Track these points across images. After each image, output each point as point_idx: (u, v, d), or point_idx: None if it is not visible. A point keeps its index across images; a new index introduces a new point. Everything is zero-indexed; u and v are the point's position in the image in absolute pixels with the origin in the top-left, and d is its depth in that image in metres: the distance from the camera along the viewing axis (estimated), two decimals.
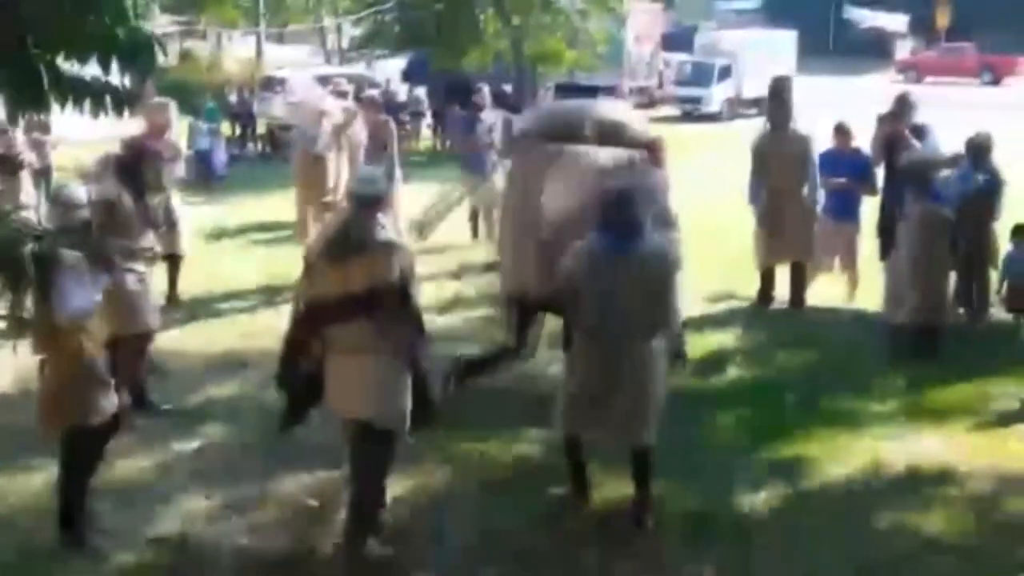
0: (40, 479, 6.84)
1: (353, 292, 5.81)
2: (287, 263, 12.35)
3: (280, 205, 14.77)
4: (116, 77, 3.98)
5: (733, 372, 8.93)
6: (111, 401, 6.18)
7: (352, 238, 5.89)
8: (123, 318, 7.35)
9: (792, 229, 10.26)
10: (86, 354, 6.06)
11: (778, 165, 10.25)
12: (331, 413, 6.21)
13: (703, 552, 6.09)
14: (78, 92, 3.87)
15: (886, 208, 10.03)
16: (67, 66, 3.90)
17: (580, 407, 6.28)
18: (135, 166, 8.27)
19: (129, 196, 8.04)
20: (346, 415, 6.09)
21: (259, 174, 20.58)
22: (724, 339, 9.62)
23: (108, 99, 3.93)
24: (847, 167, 10.33)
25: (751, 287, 10.83)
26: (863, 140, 10.60)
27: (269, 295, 11.14)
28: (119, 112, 3.97)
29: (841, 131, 10.49)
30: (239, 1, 45.20)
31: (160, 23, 36.30)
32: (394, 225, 7.03)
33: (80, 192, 6.43)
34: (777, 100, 10.52)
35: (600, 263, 6.07)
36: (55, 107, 4.12)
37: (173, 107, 9.89)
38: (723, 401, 8.21)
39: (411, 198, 13.17)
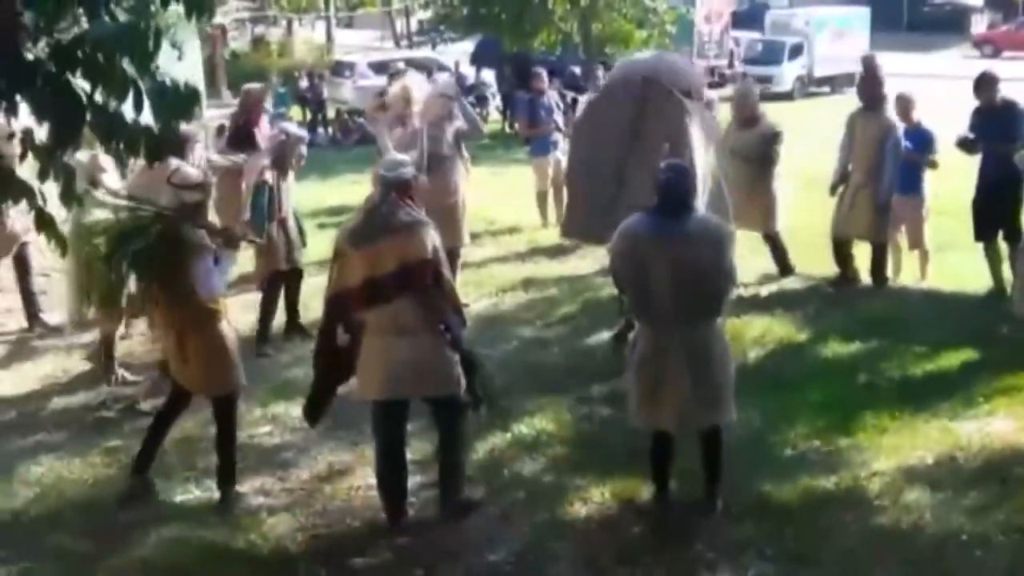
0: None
1: (385, 273, 5.92)
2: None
3: (348, 189, 14.86)
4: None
5: (802, 353, 8.82)
6: None
7: (379, 221, 6.00)
8: None
9: (862, 207, 10.14)
10: (230, 322, 6.54)
11: (859, 143, 10.14)
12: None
13: (773, 536, 6.03)
14: (116, 131, 3.91)
15: (983, 187, 9.83)
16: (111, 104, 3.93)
17: (644, 398, 6.15)
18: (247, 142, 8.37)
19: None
20: (414, 395, 6.17)
21: (329, 159, 20.70)
22: (792, 319, 9.50)
23: (143, 142, 3.96)
24: (909, 141, 10.14)
25: (816, 265, 10.70)
26: (932, 115, 10.40)
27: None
28: (151, 158, 4.01)
29: (901, 104, 10.31)
30: None
31: (232, 10, 36.73)
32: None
33: (194, 173, 6.54)
34: (864, 78, 10.42)
35: (644, 245, 5.93)
36: None
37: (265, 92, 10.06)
38: (793, 384, 8.09)
39: (479, 181, 13.16)
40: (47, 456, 7.27)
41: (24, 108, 4.06)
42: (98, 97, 3.83)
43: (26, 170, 4.38)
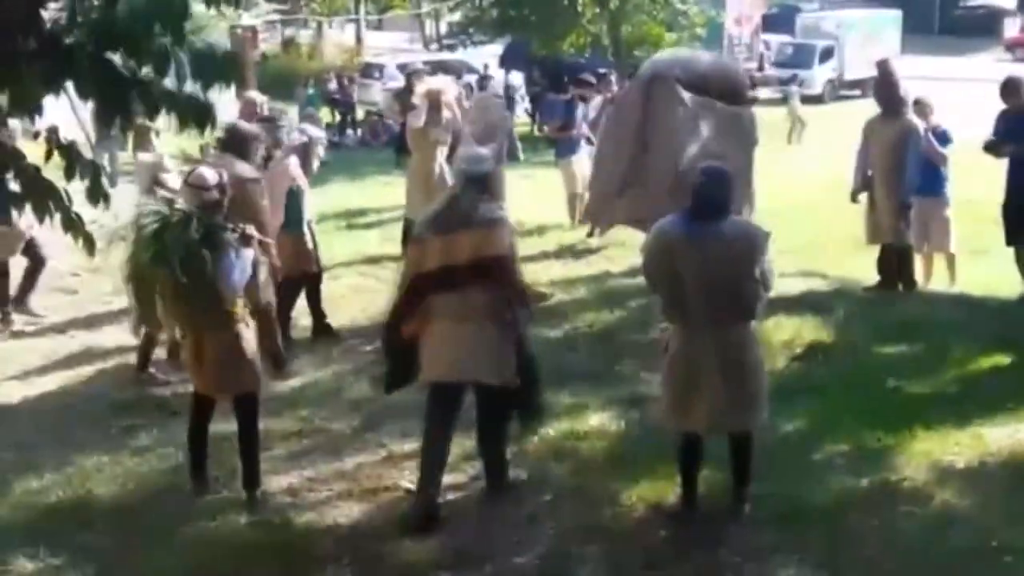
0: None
1: (460, 263, 6.12)
2: (383, 247, 12.58)
3: (378, 191, 14.91)
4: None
5: (831, 357, 8.77)
6: None
7: (460, 213, 6.20)
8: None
9: (883, 211, 10.11)
10: (249, 322, 6.57)
11: (879, 148, 10.10)
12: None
13: (800, 541, 6.00)
14: (164, 103, 3.95)
15: (1012, 191, 9.76)
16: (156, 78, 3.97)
17: (676, 399, 6.14)
18: (244, 148, 8.39)
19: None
20: (467, 379, 6.33)
21: (358, 160, 20.76)
22: (821, 322, 9.45)
23: (193, 113, 3.99)
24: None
25: (845, 268, 10.66)
26: (963, 119, 10.36)
27: (363, 278, 11.25)
28: (202, 127, 4.04)
29: (918, 107, 10.26)
30: None
31: (263, 12, 36.86)
32: None
33: (210, 174, 6.59)
34: (880, 83, 10.36)
35: (677, 246, 5.91)
36: None
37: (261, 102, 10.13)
38: (821, 388, 8.05)
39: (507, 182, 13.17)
40: (77, 454, 7.32)
41: (48, 107, 4.11)
42: (142, 72, 3.88)
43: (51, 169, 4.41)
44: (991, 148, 9.71)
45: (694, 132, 9.07)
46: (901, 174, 9.89)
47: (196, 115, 4.00)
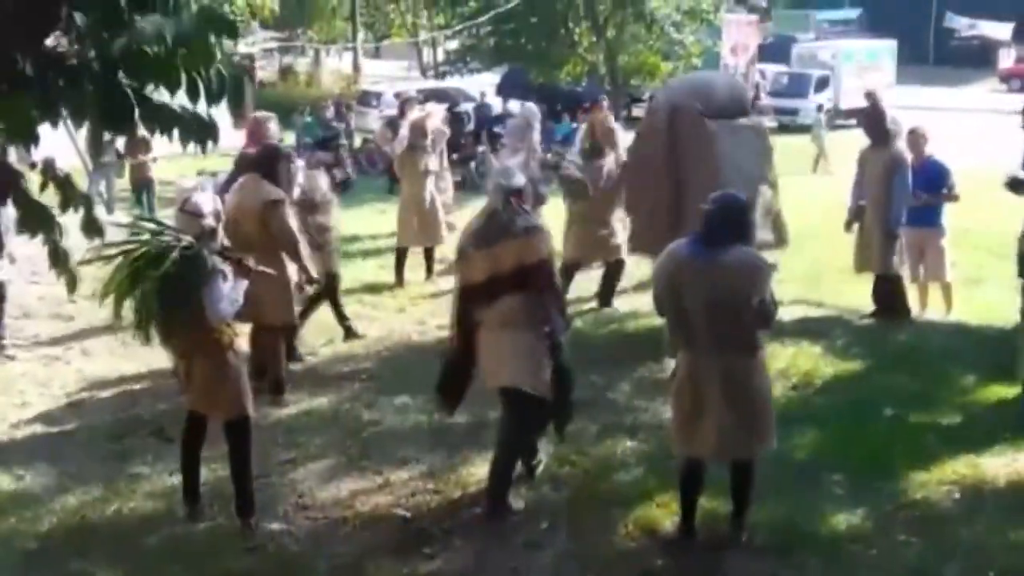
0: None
1: (502, 274, 6.44)
2: (377, 275, 12.58)
3: (374, 219, 14.92)
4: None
5: (827, 386, 8.77)
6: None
7: (500, 225, 6.52)
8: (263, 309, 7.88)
9: (871, 241, 10.19)
10: (238, 348, 6.59)
11: (869, 179, 10.19)
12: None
13: (797, 569, 5.99)
14: (168, 121, 3.96)
15: None
16: (157, 95, 3.99)
17: (681, 424, 6.15)
18: (272, 168, 8.42)
19: None
20: (498, 384, 6.61)
21: (354, 187, 20.76)
22: (817, 351, 9.46)
23: (198, 131, 4.01)
24: (920, 177, 10.12)
25: (841, 297, 10.67)
26: (959, 149, 10.38)
27: (359, 306, 11.26)
28: (204, 144, 4.06)
29: (912, 136, 10.29)
30: (340, 17, 45.92)
31: (260, 40, 37.03)
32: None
33: (206, 201, 6.59)
34: (867, 115, 10.42)
35: (681, 270, 5.96)
36: None
37: (274, 121, 10.09)
38: (818, 417, 8.05)
39: None
40: (72, 480, 7.29)
41: (44, 137, 4.11)
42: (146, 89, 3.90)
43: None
44: (1013, 186, 9.46)
45: (727, 158, 9.10)
46: (888, 204, 9.93)
47: (200, 133, 4.01)
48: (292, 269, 8.31)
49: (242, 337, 6.74)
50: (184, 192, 8.29)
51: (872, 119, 10.26)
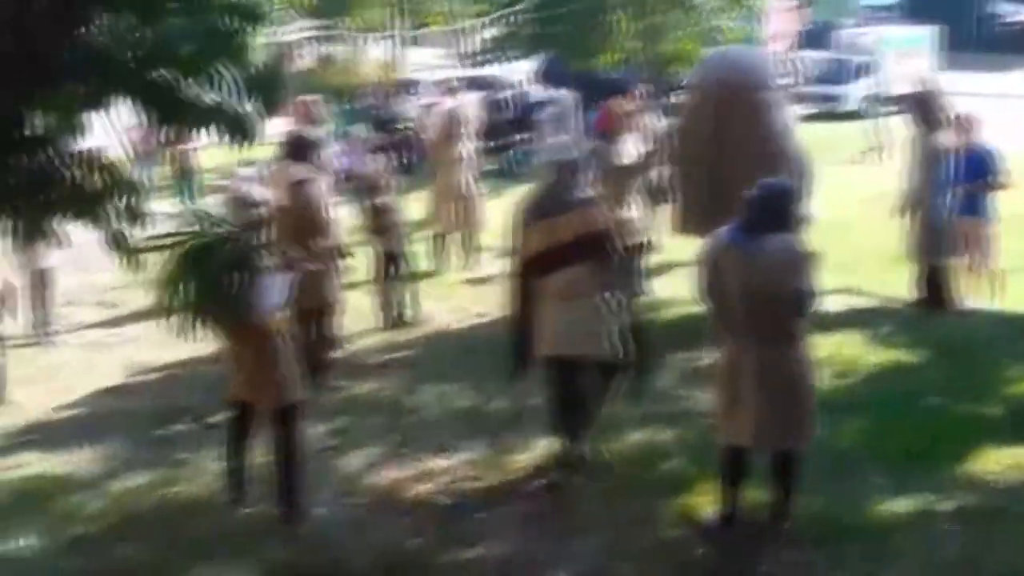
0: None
1: (563, 244, 6.66)
2: (415, 261, 12.55)
3: (411, 206, 14.81)
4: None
5: (871, 375, 8.71)
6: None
7: (558, 197, 6.78)
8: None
9: (916, 229, 10.12)
10: (286, 335, 6.62)
11: (916, 166, 10.10)
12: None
13: (837, 560, 5.95)
14: (207, 118, 3.99)
15: None
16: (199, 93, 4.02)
17: (723, 411, 6.12)
18: (302, 155, 8.53)
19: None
20: (567, 353, 6.75)
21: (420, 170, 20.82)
22: (861, 340, 9.39)
23: (234, 127, 4.04)
24: (967, 164, 10.04)
25: (881, 284, 10.60)
26: (1006, 135, 10.26)
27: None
28: (242, 141, 4.09)
29: (959, 122, 10.18)
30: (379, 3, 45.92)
31: (300, 28, 37.11)
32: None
33: (256, 191, 6.65)
34: (915, 101, 10.34)
35: (723, 257, 5.93)
36: None
37: (322, 103, 10.22)
38: (861, 406, 7.99)
39: None
40: (116, 467, 7.37)
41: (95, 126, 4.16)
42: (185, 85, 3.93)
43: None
44: None
45: (776, 135, 9.29)
46: (930, 193, 9.86)
47: (239, 129, 4.04)
48: (325, 246, 8.36)
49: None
50: (238, 180, 8.42)
51: (921, 105, 10.16)
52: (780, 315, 5.88)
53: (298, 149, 8.57)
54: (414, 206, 14.74)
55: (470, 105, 13.03)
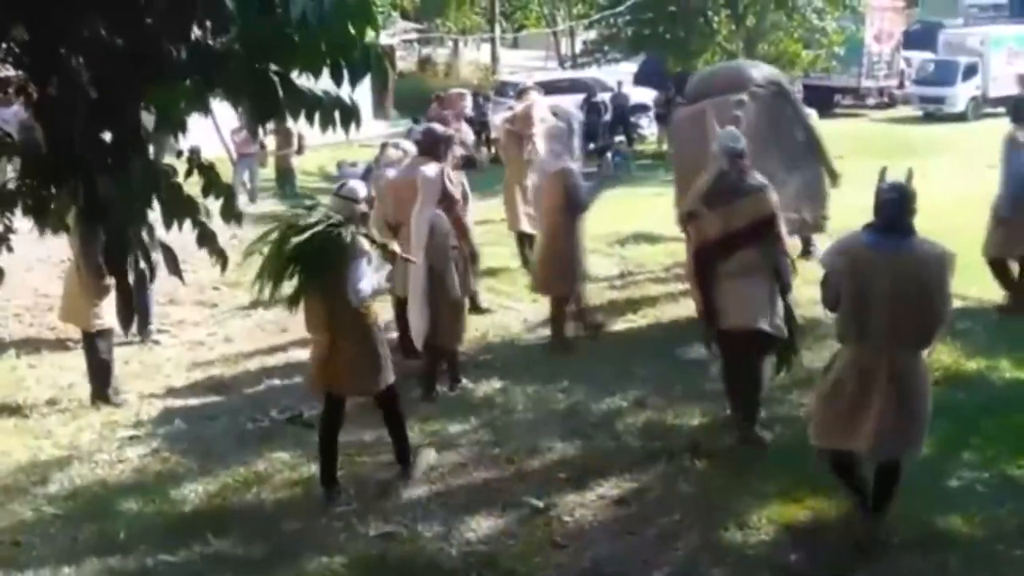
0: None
1: (738, 229, 7.08)
2: (497, 261, 12.53)
3: (497, 208, 14.81)
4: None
5: (969, 381, 8.49)
6: None
7: (730, 185, 7.15)
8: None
9: (989, 224, 10.12)
10: (379, 324, 6.91)
11: (1008, 161, 10.00)
12: None
13: (939, 568, 5.83)
14: (310, 106, 4.03)
15: None
16: (302, 80, 4.07)
17: (836, 417, 5.95)
18: (433, 149, 8.79)
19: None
20: (742, 326, 7.11)
21: (488, 178, 20.86)
22: (958, 346, 9.14)
23: (338, 114, 4.07)
24: None
25: (974, 288, 10.37)
26: None
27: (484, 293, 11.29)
28: (347, 126, 4.12)
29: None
30: (477, 7, 46.21)
31: (400, 31, 37.47)
32: None
33: (361, 187, 6.83)
34: (1015, 97, 10.22)
35: (866, 262, 5.74)
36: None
37: (469, 97, 10.37)
38: (960, 413, 7.78)
39: (644, 201, 13.12)
40: (214, 463, 7.50)
41: (191, 125, 4.22)
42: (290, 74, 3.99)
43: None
44: None
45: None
46: (1003, 187, 9.92)
47: (342, 116, 4.08)
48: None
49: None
50: (345, 177, 8.63)
51: (1015, 99, 10.07)
52: (925, 319, 5.72)
53: (432, 145, 8.79)
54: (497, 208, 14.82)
55: (541, 107, 12.84)
